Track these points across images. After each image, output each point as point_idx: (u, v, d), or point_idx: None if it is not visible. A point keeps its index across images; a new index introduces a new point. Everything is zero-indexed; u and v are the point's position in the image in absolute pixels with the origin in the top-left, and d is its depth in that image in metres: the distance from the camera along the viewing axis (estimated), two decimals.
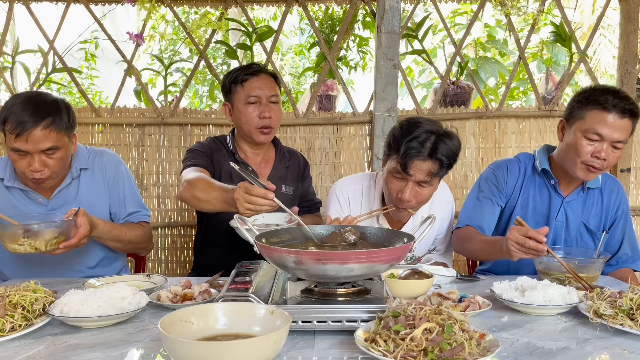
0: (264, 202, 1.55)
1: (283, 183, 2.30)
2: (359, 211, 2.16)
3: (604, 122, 1.90)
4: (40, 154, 1.84)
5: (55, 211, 2.01)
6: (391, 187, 1.99)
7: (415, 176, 1.91)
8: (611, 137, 1.90)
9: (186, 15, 4.48)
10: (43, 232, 1.71)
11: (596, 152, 1.92)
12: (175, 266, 3.26)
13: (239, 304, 1.23)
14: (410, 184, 1.94)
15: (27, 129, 1.78)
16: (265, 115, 2.17)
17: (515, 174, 2.16)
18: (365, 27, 3.45)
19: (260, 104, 2.19)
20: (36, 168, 1.84)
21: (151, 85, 5.00)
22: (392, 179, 1.98)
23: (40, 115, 1.81)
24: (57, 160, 1.89)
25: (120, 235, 2.02)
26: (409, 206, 1.99)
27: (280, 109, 2.26)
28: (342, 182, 2.26)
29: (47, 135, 1.82)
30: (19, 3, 3.05)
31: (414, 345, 1.06)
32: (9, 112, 1.82)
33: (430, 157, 1.88)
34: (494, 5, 3.25)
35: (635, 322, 1.29)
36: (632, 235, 2.15)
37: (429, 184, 1.95)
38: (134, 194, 2.17)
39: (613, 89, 1.97)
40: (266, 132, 2.20)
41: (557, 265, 1.76)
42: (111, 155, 2.17)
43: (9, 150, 1.86)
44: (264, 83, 2.20)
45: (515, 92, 5.07)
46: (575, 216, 2.11)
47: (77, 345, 1.24)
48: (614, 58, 6.56)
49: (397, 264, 1.40)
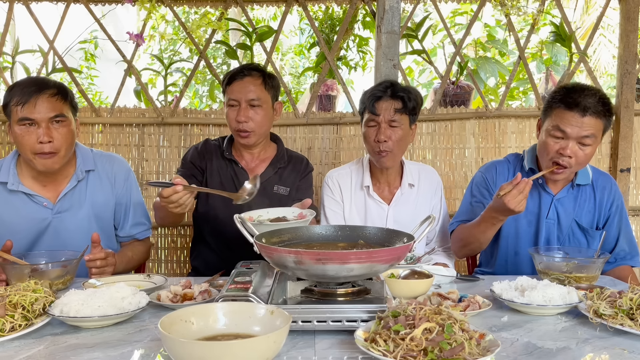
0: (177, 196, 1.67)
1: (276, 183, 2.30)
2: (350, 191, 2.35)
3: (566, 119, 1.94)
4: (48, 123, 1.87)
5: (62, 214, 2.01)
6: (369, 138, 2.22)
7: (383, 115, 2.16)
8: (576, 135, 1.94)
9: (186, 15, 4.48)
10: (49, 271, 1.70)
11: (561, 149, 1.96)
12: (175, 266, 3.26)
13: (239, 304, 1.23)
14: (383, 125, 2.17)
15: (34, 95, 1.85)
16: (240, 119, 2.17)
17: (504, 174, 2.22)
18: (365, 27, 3.45)
19: (239, 108, 2.19)
20: (44, 139, 1.85)
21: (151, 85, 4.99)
22: (368, 129, 2.22)
23: (45, 85, 1.90)
24: (64, 135, 1.91)
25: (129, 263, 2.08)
26: (386, 147, 2.18)
27: (266, 112, 2.22)
28: (331, 171, 2.46)
29: (54, 103, 1.88)
30: (19, 3, 3.05)
31: (414, 345, 1.06)
32: (13, 92, 1.88)
33: (392, 97, 2.18)
34: (494, 5, 3.25)
35: (635, 322, 1.29)
36: (628, 231, 2.16)
37: (397, 122, 2.18)
38: (141, 204, 2.20)
39: (582, 87, 1.99)
40: (244, 135, 2.21)
41: (557, 265, 1.76)
42: (122, 163, 2.18)
43: (16, 126, 1.87)
44: (245, 86, 2.19)
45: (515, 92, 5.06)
46: (566, 213, 2.12)
47: (77, 345, 1.24)
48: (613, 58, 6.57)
49: (397, 264, 1.40)
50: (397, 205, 2.32)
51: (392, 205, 2.31)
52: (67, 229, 2.02)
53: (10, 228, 1.96)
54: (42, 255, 1.85)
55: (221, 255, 2.28)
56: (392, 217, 2.31)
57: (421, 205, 2.33)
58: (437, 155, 3.30)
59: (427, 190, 2.36)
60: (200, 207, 2.33)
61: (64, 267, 1.72)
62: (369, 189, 2.32)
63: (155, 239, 3.20)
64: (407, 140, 2.25)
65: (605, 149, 3.30)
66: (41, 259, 1.82)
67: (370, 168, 2.36)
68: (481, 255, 2.40)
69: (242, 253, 1.73)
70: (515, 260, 2.19)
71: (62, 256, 1.81)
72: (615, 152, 3.26)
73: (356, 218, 2.33)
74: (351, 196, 2.34)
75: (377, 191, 2.33)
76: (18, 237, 1.95)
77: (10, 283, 1.68)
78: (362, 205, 2.33)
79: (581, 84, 2.04)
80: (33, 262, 1.78)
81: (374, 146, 2.20)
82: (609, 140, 3.29)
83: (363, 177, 2.34)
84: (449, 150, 3.30)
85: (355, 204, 2.34)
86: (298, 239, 1.54)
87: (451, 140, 3.30)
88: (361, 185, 2.34)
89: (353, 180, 2.36)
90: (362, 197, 2.33)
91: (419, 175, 2.36)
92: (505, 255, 2.21)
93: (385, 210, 2.31)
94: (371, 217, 2.32)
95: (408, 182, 2.33)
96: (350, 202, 2.34)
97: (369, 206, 2.32)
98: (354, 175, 2.37)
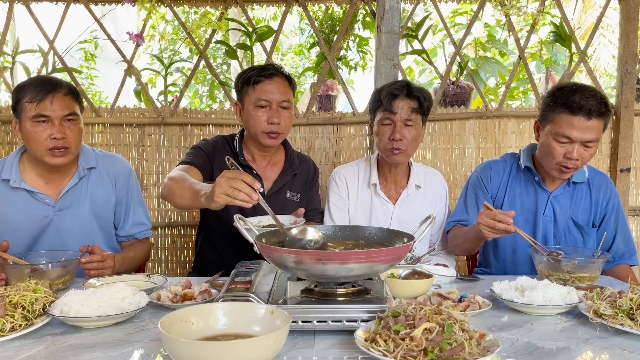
0: (246, 189, 1.46)
1: (289, 189, 2.29)
2: (356, 189, 2.36)
3: (572, 125, 1.93)
4: (61, 120, 1.92)
5: (63, 212, 2.02)
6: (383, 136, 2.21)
7: (400, 114, 2.17)
8: (581, 138, 1.94)
9: (186, 15, 4.48)
10: (49, 271, 1.70)
11: (568, 153, 1.97)
12: (175, 266, 3.26)
13: (239, 304, 1.23)
14: (399, 124, 2.18)
15: (49, 93, 1.90)
16: (273, 121, 2.14)
17: (500, 173, 2.23)
18: (365, 27, 3.45)
19: (270, 109, 2.15)
20: (58, 136, 1.90)
21: (151, 85, 5.00)
22: (382, 127, 2.21)
23: (57, 84, 1.95)
24: (75, 132, 1.97)
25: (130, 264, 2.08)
26: (400, 145, 2.19)
27: (292, 115, 2.23)
28: (338, 167, 2.46)
29: (67, 102, 1.95)
30: (19, 3, 3.05)
31: (414, 345, 1.06)
32: (25, 89, 1.92)
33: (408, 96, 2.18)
34: (494, 5, 3.25)
35: (635, 322, 1.29)
36: (625, 229, 2.17)
37: (413, 121, 2.19)
38: (141, 204, 2.21)
39: (580, 88, 1.98)
40: (273, 136, 2.18)
41: (557, 265, 1.76)
42: (123, 163, 2.19)
43: (28, 123, 1.90)
44: (276, 87, 2.16)
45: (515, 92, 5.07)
46: (562, 211, 2.13)
47: (77, 345, 1.24)
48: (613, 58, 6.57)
49: (397, 264, 1.40)
50: (403, 206, 2.32)
51: (398, 205, 2.32)
52: (68, 227, 2.03)
53: (12, 225, 1.97)
54: (42, 255, 1.85)
55: (224, 254, 2.28)
56: (397, 216, 2.31)
57: (426, 207, 2.33)
58: (437, 155, 3.30)
59: (433, 193, 2.37)
60: None
61: (64, 267, 1.72)
62: (375, 186, 2.32)
63: (155, 239, 3.20)
64: (419, 139, 2.26)
65: (605, 149, 3.30)
66: (41, 259, 1.82)
67: (378, 166, 2.36)
68: (479, 254, 2.41)
69: (245, 253, 1.72)
70: (513, 258, 2.20)
71: (62, 256, 1.81)
72: (615, 152, 3.26)
73: (361, 216, 2.33)
74: (357, 193, 2.35)
75: (383, 190, 2.33)
76: (19, 234, 1.96)
77: (10, 283, 1.68)
78: (368, 203, 2.33)
79: (577, 84, 2.03)
80: (33, 262, 1.78)
81: (388, 144, 2.20)
82: (609, 140, 3.29)
83: (370, 174, 2.34)
84: (449, 150, 3.30)
85: (361, 202, 2.34)
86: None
87: (451, 140, 3.30)
88: (368, 183, 2.34)
89: (360, 178, 2.36)
90: (368, 195, 2.34)
91: (425, 177, 2.37)
92: (504, 254, 2.22)
93: (391, 210, 2.31)
94: (376, 215, 2.32)
95: (415, 183, 2.33)
96: (356, 200, 2.34)
97: (375, 204, 2.32)
98: (362, 173, 2.37)
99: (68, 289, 1.65)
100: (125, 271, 2.00)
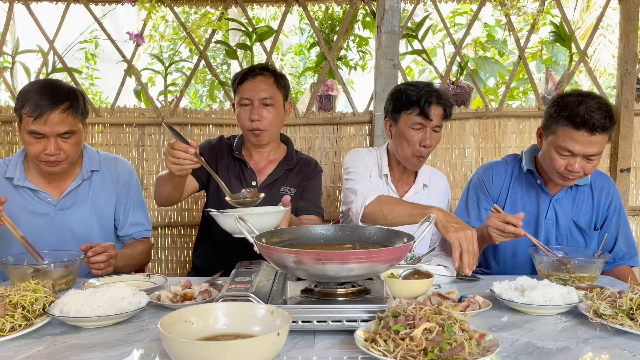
0: (184, 155, 1.66)
1: (282, 184, 2.30)
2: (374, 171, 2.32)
3: (574, 140, 1.89)
4: (57, 137, 1.89)
5: (64, 211, 2.03)
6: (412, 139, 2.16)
7: (434, 121, 2.14)
8: (583, 152, 1.90)
9: (186, 15, 4.48)
10: (52, 271, 1.69)
11: (569, 165, 1.93)
12: (175, 266, 3.26)
13: (239, 304, 1.23)
14: (429, 130, 2.15)
15: (45, 111, 1.84)
16: (254, 118, 2.18)
17: (502, 175, 2.21)
18: (365, 27, 3.45)
19: (252, 106, 2.19)
20: (52, 152, 1.88)
21: (151, 85, 5.00)
22: (413, 131, 2.16)
23: (58, 99, 1.88)
24: (72, 145, 1.94)
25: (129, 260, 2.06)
26: (426, 152, 2.18)
27: (278, 111, 2.23)
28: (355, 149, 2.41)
29: (65, 119, 1.88)
30: (19, 3, 3.05)
31: (414, 345, 1.06)
32: (27, 97, 1.88)
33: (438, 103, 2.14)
34: (493, 5, 3.26)
35: (635, 322, 1.29)
36: (627, 231, 2.16)
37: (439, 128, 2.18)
38: (141, 205, 2.21)
39: (585, 99, 1.89)
40: (257, 133, 2.21)
41: (557, 265, 1.76)
42: (125, 164, 2.20)
43: (25, 134, 1.89)
44: (257, 85, 2.20)
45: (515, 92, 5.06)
46: (564, 214, 2.12)
47: (77, 345, 1.24)
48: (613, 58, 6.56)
49: (397, 264, 1.40)
50: None
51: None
52: (69, 226, 2.04)
53: (13, 222, 1.97)
54: (45, 255, 1.85)
55: (224, 254, 2.28)
56: None
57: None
58: (437, 155, 3.30)
59: (437, 194, 2.37)
60: (210, 203, 2.33)
61: (67, 267, 1.72)
62: (387, 177, 2.32)
63: (155, 239, 3.21)
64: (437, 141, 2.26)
65: (605, 148, 3.29)
66: (44, 259, 1.82)
67: (388, 160, 2.35)
68: (480, 256, 2.40)
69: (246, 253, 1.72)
70: (513, 261, 2.19)
71: (64, 256, 1.81)
72: (615, 152, 3.26)
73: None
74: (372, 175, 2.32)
75: (393, 182, 2.34)
76: (21, 232, 1.96)
77: (12, 283, 1.68)
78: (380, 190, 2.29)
79: (582, 94, 1.94)
80: (35, 263, 1.77)
81: (417, 151, 2.17)
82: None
83: (381, 165, 2.33)
84: (449, 150, 3.30)
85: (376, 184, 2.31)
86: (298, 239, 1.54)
87: (451, 140, 3.30)
88: (380, 172, 2.34)
89: (376, 164, 2.35)
90: (381, 184, 2.33)
91: (429, 177, 2.38)
92: (504, 257, 2.21)
93: None
94: None
95: (423, 182, 2.34)
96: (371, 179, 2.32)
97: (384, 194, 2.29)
98: (376, 161, 2.36)
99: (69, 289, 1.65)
100: (124, 266, 2.00)
